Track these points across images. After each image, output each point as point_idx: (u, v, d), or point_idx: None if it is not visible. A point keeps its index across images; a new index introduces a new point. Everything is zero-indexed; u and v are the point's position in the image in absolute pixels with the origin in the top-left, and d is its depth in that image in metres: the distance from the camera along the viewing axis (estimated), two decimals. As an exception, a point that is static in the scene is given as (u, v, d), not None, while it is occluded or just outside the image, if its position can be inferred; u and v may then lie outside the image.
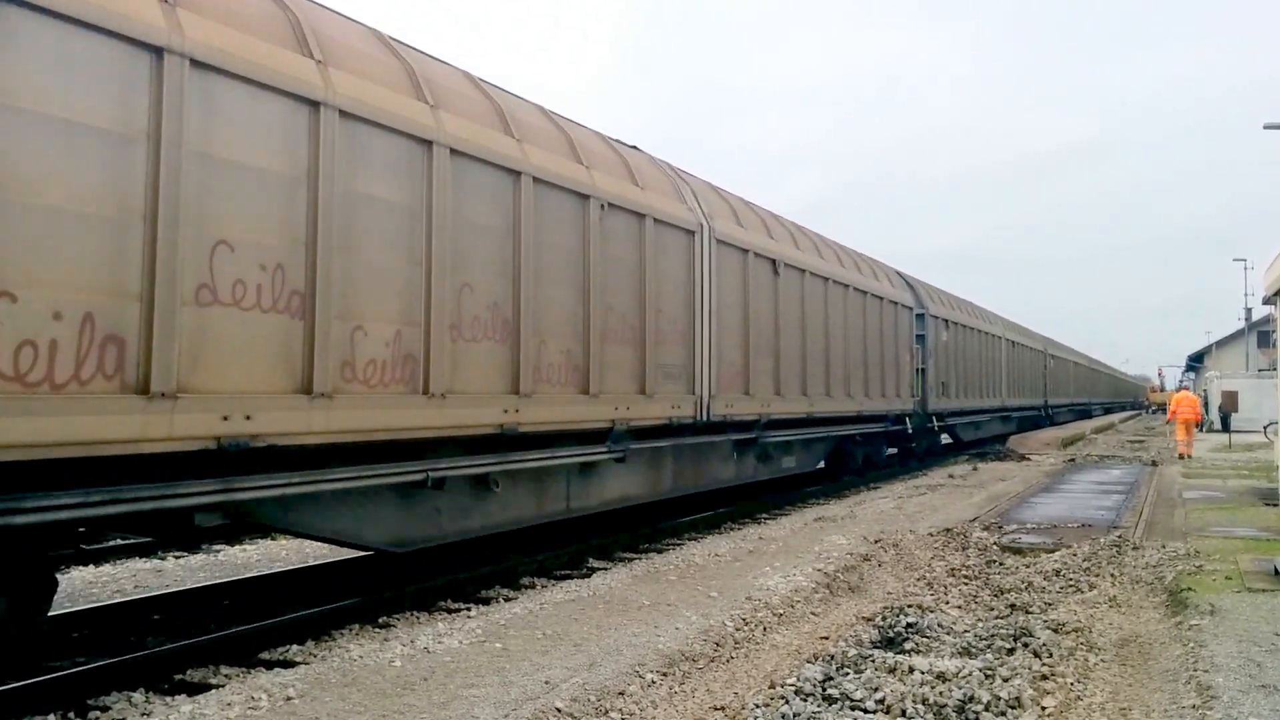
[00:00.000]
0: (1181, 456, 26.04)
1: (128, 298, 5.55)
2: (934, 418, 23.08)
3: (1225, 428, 36.70)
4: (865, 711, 5.35)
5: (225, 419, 5.97)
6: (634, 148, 12.35)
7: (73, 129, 5.31)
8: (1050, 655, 6.49)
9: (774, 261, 14.42)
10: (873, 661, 6.25)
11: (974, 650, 6.66)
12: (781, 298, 14.63)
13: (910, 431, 21.57)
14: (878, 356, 18.89)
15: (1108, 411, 72.84)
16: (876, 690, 5.61)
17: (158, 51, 5.71)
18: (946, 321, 24.11)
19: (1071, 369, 52.01)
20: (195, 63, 5.92)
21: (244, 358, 6.21)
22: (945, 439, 26.61)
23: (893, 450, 22.20)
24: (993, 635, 6.98)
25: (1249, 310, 56.82)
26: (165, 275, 5.69)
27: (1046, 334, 45.26)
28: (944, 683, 5.75)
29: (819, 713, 5.25)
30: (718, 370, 12.53)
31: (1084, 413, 57.94)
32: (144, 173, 5.64)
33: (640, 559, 10.59)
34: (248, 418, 6.11)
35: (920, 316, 22.02)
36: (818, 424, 15.93)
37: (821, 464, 17.96)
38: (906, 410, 20.83)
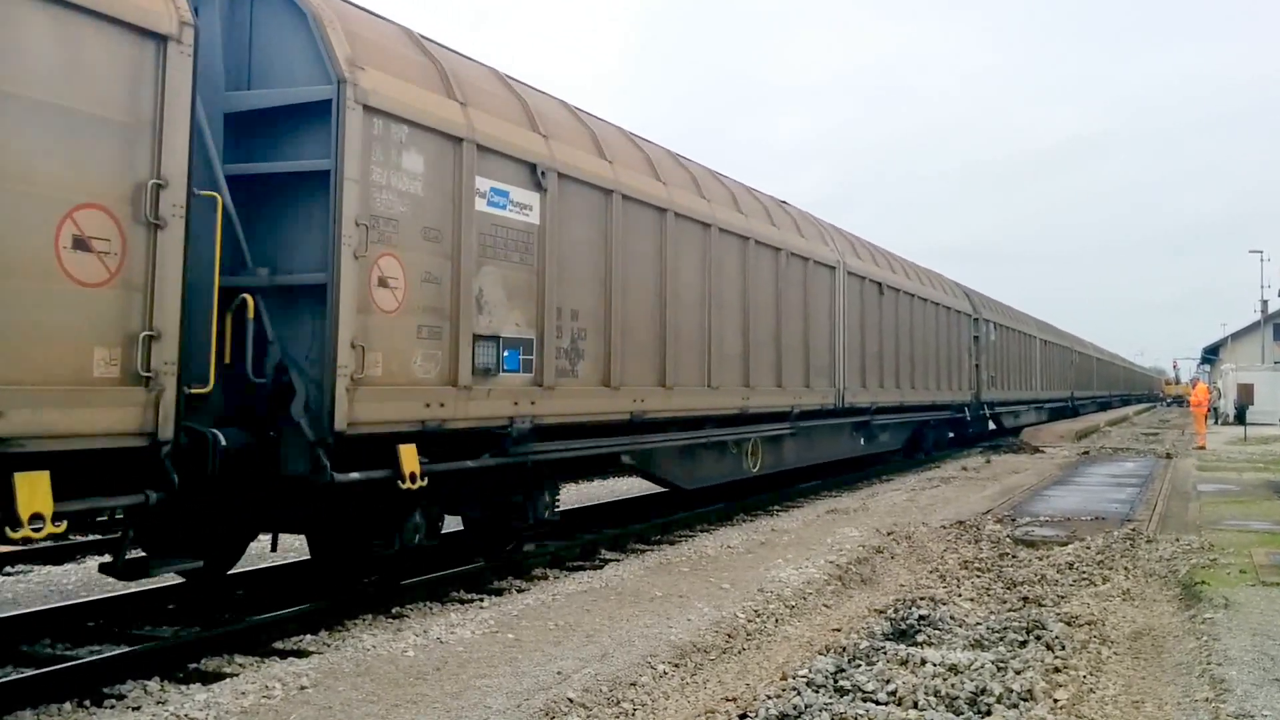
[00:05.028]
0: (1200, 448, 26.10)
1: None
2: (985, 406, 26.31)
3: (1241, 420, 36.50)
4: (877, 703, 5.35)
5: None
6: None
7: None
8: (1063, 648, 6.47)
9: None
10: (885, 653, 6.25)
11: (986, 643, 6.65)
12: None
13: (968, 419, 24.59)
14: (941, 355, 21.97)
15: (1124, 403, 73.30)
16: (888, 682, 5.61)
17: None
18: (994, 324, 27.85)
19: (1094, 364, 56.28)
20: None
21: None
22: (991, 426, 29.79)
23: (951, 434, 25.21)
24: (1005, 628, 6.97)
25: (1265, 303, 56.49)
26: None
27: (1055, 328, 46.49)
28: (956, 675, 5.75)
29: (830, 704, 5.26)
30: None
31: (1105, 404, 60.97)
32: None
33: (653, 550, 10.61)
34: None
35: (975, 320, 25.64)
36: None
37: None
38: (965, 401, 24.20)
